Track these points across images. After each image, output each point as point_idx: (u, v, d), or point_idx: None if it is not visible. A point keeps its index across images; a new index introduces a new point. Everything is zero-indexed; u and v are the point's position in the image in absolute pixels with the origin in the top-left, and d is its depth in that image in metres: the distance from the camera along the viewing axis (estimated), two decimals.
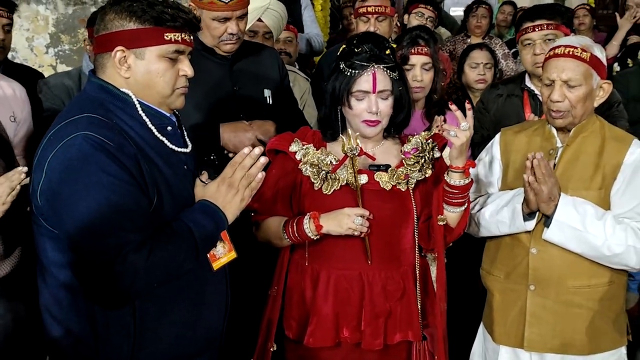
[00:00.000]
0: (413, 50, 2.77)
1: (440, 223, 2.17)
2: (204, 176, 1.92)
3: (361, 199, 2.12)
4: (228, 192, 1.83)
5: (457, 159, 2.11)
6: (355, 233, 2.09)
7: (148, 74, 1.80)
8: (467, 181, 2.13)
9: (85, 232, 1.65)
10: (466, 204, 2.18)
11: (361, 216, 2.08)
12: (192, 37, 1.86)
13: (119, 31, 1.77)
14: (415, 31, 2.85)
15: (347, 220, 2.07)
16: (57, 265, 1.77)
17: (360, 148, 2.10)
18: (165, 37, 1.78)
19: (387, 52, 2.16)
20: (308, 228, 2.11)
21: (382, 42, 2.19)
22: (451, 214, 2.18)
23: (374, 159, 2.17)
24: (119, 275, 1.64)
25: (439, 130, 2.25)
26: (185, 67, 1.85)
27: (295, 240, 2.16)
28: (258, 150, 1.83)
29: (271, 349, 2.24)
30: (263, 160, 1.83)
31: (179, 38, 1.80)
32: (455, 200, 2.15)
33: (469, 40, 5.22)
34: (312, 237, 2.13)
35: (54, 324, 1.82)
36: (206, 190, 1.86)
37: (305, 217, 2.12)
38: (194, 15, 1.86)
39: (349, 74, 2.13)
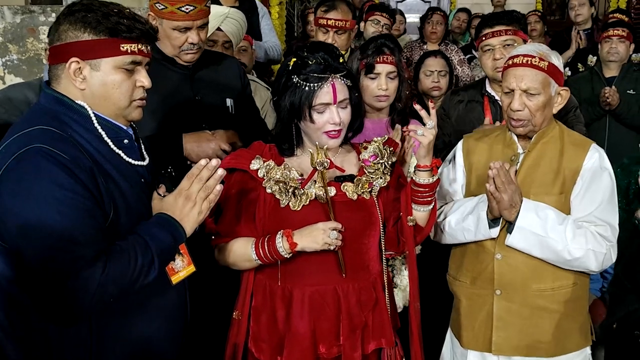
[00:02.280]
0: (379, 59, 2.76)
1: (410, 224, 2.18)
2: (162, 189, 1.89)
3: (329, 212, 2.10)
4: (185, 204, 1.81)
5: (424, 157, 2.15)
6: (331, 247, 2.06)
7: (104, 86, 1.77)
8: (434, 179, 2.16)
9: (36, 247, 1.61)
10: (434, 202, 2.21)
11: (335, 229, 2.06)
12: (149, 48, 1.83)
13: (73, 42, 1.74)
14: (381, 40, 2.84)
15: (323, 235, 2.04)
16: (7, 280, 1.72)
17: (330, 161, 2.08)
18: (121, 48, 1.75)
19: (341, 60, 2.13)
20: (281, 247, 2.06)
21: (334, 51, 2.15)
22: (420, 213, 2.20)
23: (343, 171, 2.15)
24: (72, 291, 1.61)
25: (406, 134, 2.27)
26: (142, 78, 1.82)
27: (267, 261, 2.10)
28: (215, 162, 1.81)
29: None
30: (220, 172, 1.82)
31: (135, 49, 1.77)
32: (424, 199, 2.17)
33: (425, 46, 5.29)
34: (285, 256, 2.07)
35: (7, 340, 1.76)
36: (163, 203, 1.84)
37: (278, 235, 2.07)
38: (150, 25, 1.83)
39: (307, 87, 2.06)
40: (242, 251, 2.13)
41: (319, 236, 2.04)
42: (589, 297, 2.92)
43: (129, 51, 1.76)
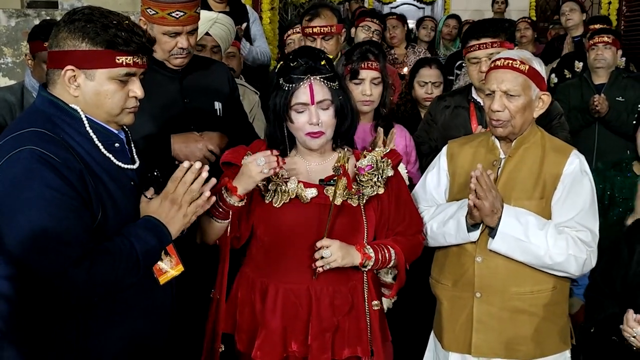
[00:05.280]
0: (363, 65, 2.80)
1: (375, 308, 2.25)
2: (150, 192, 1.93)
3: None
4: (171, 207, 1.85)
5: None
6: (265, 171, 2.04)
7: (97, 95, 1.81)
8: (370, 263, 2.19)
9: (26, 247, 1.65)
10: (393, 259, 2.24)
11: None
12: (145, 59, 1.85)
13: (70, 50, 1.77)
14: (365, 46, 2.88)
15: (252, 168, 2.05)
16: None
17: (343, 170, 2.11)
18: (116, 60, 1.78)
19: (323, 62, 2.16)
20: (227, 195, 2.08)
21: (318, 54, 2.20)
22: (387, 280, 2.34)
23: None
24: (59, 289, 1.66)
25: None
26: (136, 89, 1.85)
27: (222, 215, 2.12)
28: (198, 164, 1.85)
29: (219, 349, 2.23)
30: (204, 174, 1.85)
31: (131, 61, 1.80)
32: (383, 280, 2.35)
33: (392, 51, 5.34)
34: (234, 204, 2.09)
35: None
36: (150, 206, 1.88)
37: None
38: (148, 38, 1.85)
39: (287, 88, 2.13)
40: (203, 218, 2.12)
41: (250, 170, 2.05)
42: (575, 302, 2.95)
43: (124, 64, 1.79)
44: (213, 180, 1.89)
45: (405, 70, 4.42)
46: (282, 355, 2.16)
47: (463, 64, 5.40)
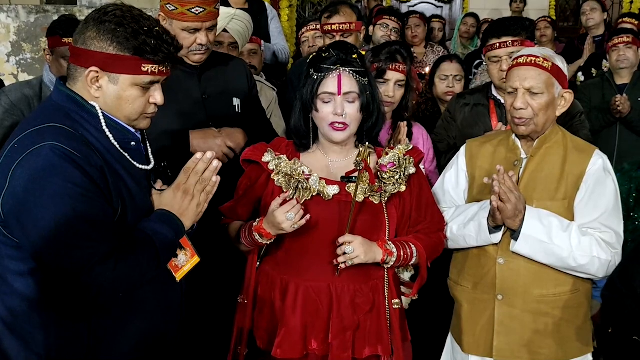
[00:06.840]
0: (391, 66, 2.78)
1: (396, 307, 2.23)
2: (158, 184, 1.92)
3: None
4: (184, 198, 1.84)
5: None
6: (296, 227, 2.06)
7: (118, 99, 1.79)
8: (392, 259, 2.17)
9: (51, 243, 1.64)
10: (414, 257, 2.22)
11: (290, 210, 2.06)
12: (170, 67, 1.83)
13: (97, 52, 1.75)
14: (395, 46, 2.85)
15: (284, 223, 2.05)
16: (13, 274, 1.75)
17: (365, 165, 2.11)
18: (142, 68, 1.76)
19: (354, 56, 2.16)
20: (260, 238, 2.15)
21: (350, 48, 2.21)
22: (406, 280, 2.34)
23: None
24: (85, 286, 1.65)
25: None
26: (157, 96, 1.84)
27: (252, 247, 2.21)
28: (210, 154, 1.84)
29: (244, 353, 2.25)
30: (216, 163, 1.85)
31: (156, 70, 1.78)
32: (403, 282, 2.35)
33: (411, 49, 5.31)
34: (267, 242, 2.16)
35: (6, 332, 1.79)
36: (162, 198, 1.87)
37: (254, 232, 2.14)
38: (175, 46, 1.83)
39: (315, 77, 2.14)
40: (233, 235, 2.26)
41: (281, 223, 2.06)
42: (594, 305, 2.90)
43: (150, 72, 1.77)
44: (217, 163, 1.87)
45: (427, 70, 4.39)
46: (302, 353, 2.15)
47: (481, 63, 5.39)
